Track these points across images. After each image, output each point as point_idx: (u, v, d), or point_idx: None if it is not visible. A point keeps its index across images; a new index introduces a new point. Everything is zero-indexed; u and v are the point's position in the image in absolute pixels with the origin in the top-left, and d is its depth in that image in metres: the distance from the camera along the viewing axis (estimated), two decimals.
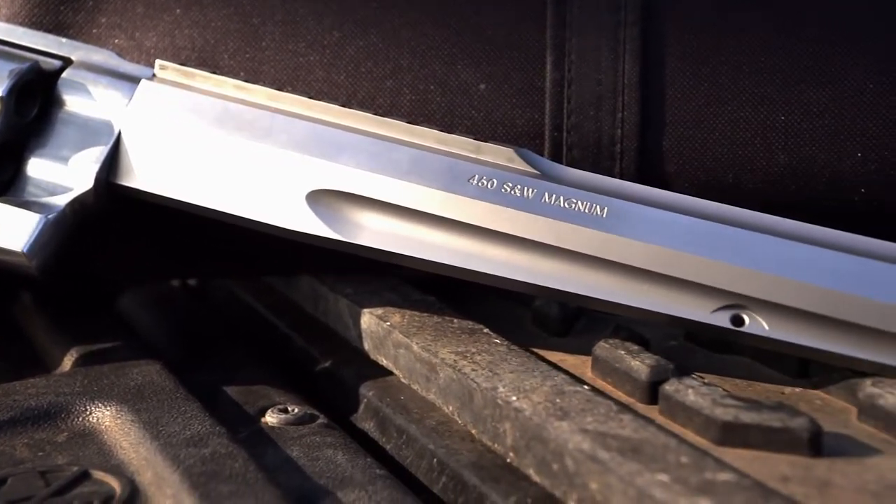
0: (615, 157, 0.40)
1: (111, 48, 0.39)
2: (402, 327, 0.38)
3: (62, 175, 0.36)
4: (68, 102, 0.37)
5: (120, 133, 0.36)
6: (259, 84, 0.37)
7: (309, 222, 0.35)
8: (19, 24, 0.40)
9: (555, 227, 0.34)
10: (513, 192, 0.34)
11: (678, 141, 0.40)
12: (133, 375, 0.36)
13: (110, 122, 0.36)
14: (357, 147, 0.36)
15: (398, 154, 0.35)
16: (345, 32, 0.40)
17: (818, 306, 0.33)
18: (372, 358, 0.39)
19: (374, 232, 0.35)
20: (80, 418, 0.33)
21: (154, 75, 0.37)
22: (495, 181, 0.35)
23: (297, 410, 0.35)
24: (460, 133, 0.36)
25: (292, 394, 0.37)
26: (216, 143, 0.36)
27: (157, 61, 0.37)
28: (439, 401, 0.35)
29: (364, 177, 0.35)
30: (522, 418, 0.31)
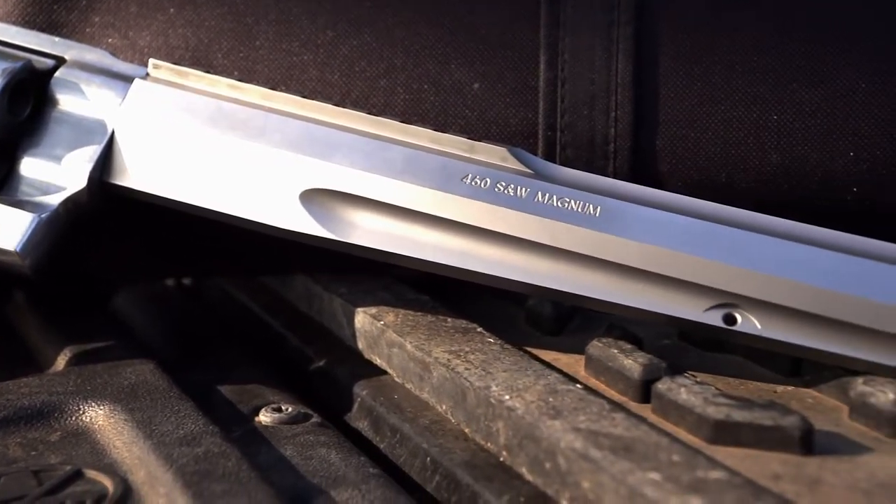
0: (609, 156, 0.40)
1: (105, 47, 0.39)
2: (395, 326, 0.38)
3: (55, 174, 0.36)
4: (61, 101, 0.37)
5: (113, 132, 0.36)
6: (253, 83, 0.37)
7: (303, 221, 0.36)
8: (12, 22, 0.40)
9: (548, 227, 0.34)
10: (506, 192, 0.35)
11: (671, 140, 0.40)
12: (126, 375, 0.36)
13: (104, 121, 0.36)
14: (351, 146, 0.36)
15: (392, 153, 0.35)
16: (338, 32, 0.40)
17: (810, 305, 0.33)
18: (366, 357, 0.39)
19: (367, 231, 0.35)
20: (73, 417, 0.33)
21: (147, 74, 0.37)
22: (489, 180, 0.35)
23: (290, 409, 0.35)
24: (454, 132, 0.36)
25: (286, 393, 0.37)
26: (210, 143, 0.36)
27: (151, 60, 0.37)
28: (433, 400, 0.35)
29: (358, 176, 0.35)
30: (515, 417, 0.31)
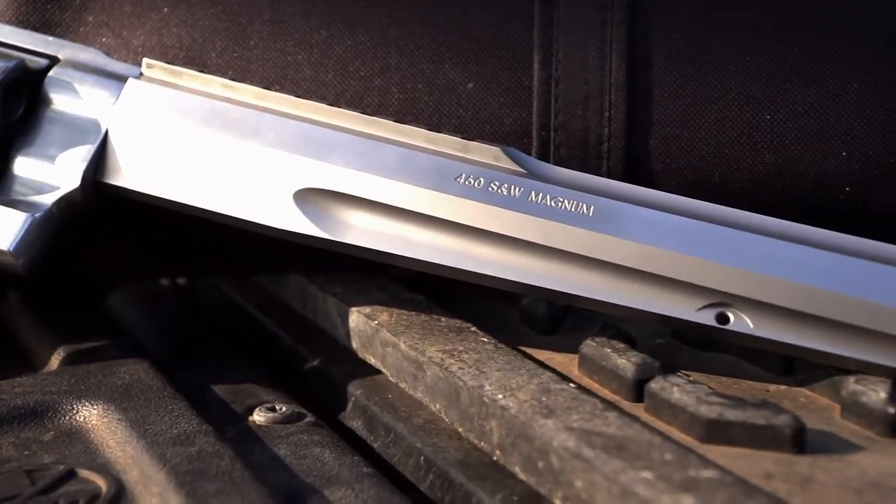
0: (602, 155, 0.40)
1: (98, 47, 0.39)
2: (389, 326, 0.38)
3: (49, 174, 0.36)
4: (55, 101, 0.37)
5: (107, 132, 0.36)
6: (247, 83, 0.37)
7: (297, 221, 0.36)
8: (6, 22, 0.40)
9: (541, 226, 0.34)
10: (500, 191, 0.35)
11: (665, 140, 0.40)
12: (120, 374, 0.36)
13: (97, 120, 0.36)
14: (345, 146, 0.36)
15: (386, 153, 0.35)
16: (333, 31, 0.40)
17: (803, 304, 0.33)
18: (360, 356, 0.39)
19: (361, 231, 0.35)
20: (66, 417, 0.33)
21: (141, 74, 0.37)
22: (482, 180, 0.35)
23: (284, 409, 0.35)
24: (448, 132, 0.36)
25: (280, 392, 0.37)
26: (204, 142, 0.36)
27: (145, 60, 0.37)
28: (426, 399, 0.35)
29: (352, 175, 0.35)
30: (508, 416, 0.31)
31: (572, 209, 0.34)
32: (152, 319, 0.45)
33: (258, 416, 0.35)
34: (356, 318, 0.39)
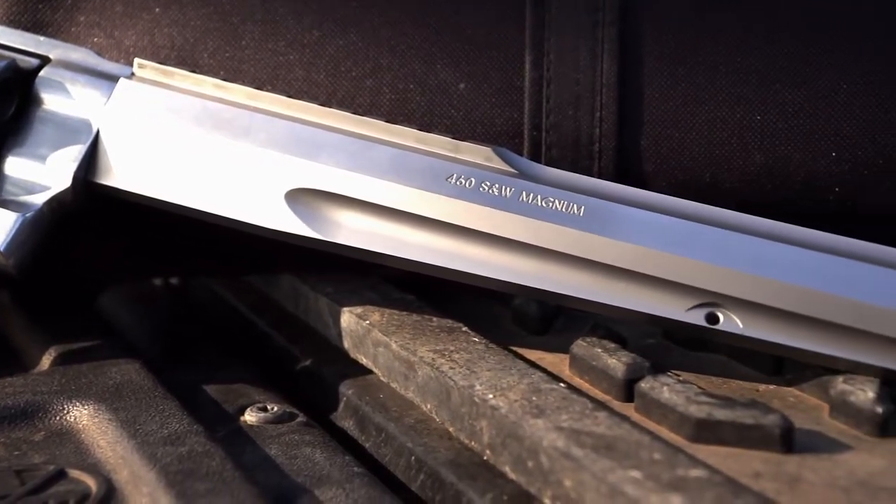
0: (594, 156, 0.40)
1: (90, 46, 0.39)
2: (381, 326, 0.38)
3: (40, 174, 0.36)
4: (46, 101, 0.37)
5: (98, 132, 0.36)
6: (238, 83, 0.37)
7: (288, 221, 0.36)
8: None
9: (532, 226, 0.34)
10: (491, 191, 0.35)
11: (656, 140, 0.40)
12: (111, 374, 0.36)
13: (88, 120, 0.36)
14: (336, 146, 0.36)
15: (377, 153, 0.36)
16: (324, 31, 0.40)
17: (792, 305, 0.33)
18: (352, 356, 0.39)
19: (352, 231, 0.36)
20: (57, 417, 0.33)
21: (133, 74, 0.37)
22: (473, 180, 0.35)
23: (276, 409, 0.35)
24: (439, 132, 0.36)
25: (272, 392, 0.37)
26: (195, 142, 0.36)
27: (136, 60, 0.37)
28: (418, 399, 0.35)
29: (343, 176, 0.35)
30: (499, 416, 0.31)
31: (563, 209, 0.34)
32: (144, 319, 0.45)
33: (250, 416, 0.35)
34: (348, 318, 0.39)
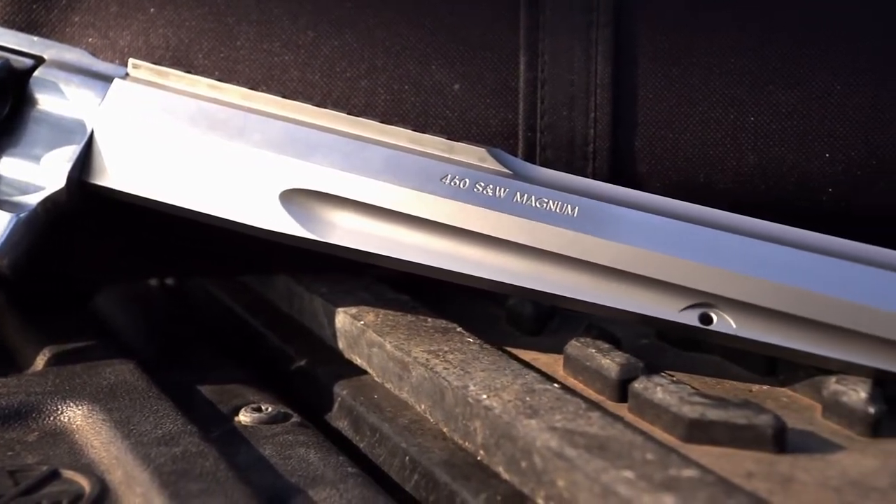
0: (588, 156, 0.40)
1: (84, 47, 0.39)
2: (375, 326, 0.38)
3: (34, 174, 0.36)
4: (40, 101, 0.37)
5: (93, 132, 0.36)
6: (233, 83, 0.37)
7: (282, 221, 0.36)
8: None
9: (526, 227, 0.34)
10: (485, 192, 0.35)
11: (650, 141, 0.40)
12: (106, 375, 0.36)
13: (83, 121, 0.36)
14: (331, 146, 0.36)
15: (371, 153, 0.36)
16: (319, 32, 0.41)
17: (785, 305, 0.33)
18: (346, 357, 0.39)
19: (347, 231, 0.36)
20: (51, 418, 0.33)
21: (127, 74, 0.37)
22: (467, 181, 0.35)
23: (270, 409, 0.35)
24: (434, 133, 0.36)
25: (266, 392, 0.37)
26: (189, 143, 0.36)
27: (131, 60, 0.37)
28: (412, 399, 0.35)
29: (337, 176, 0.35)
30: (492, 416, 0.31)
31: (557, 210, 0.34)
32: (139, 320, 0.45)
33: (244, 417, 0.35)
34: (342, 318, 0.39)
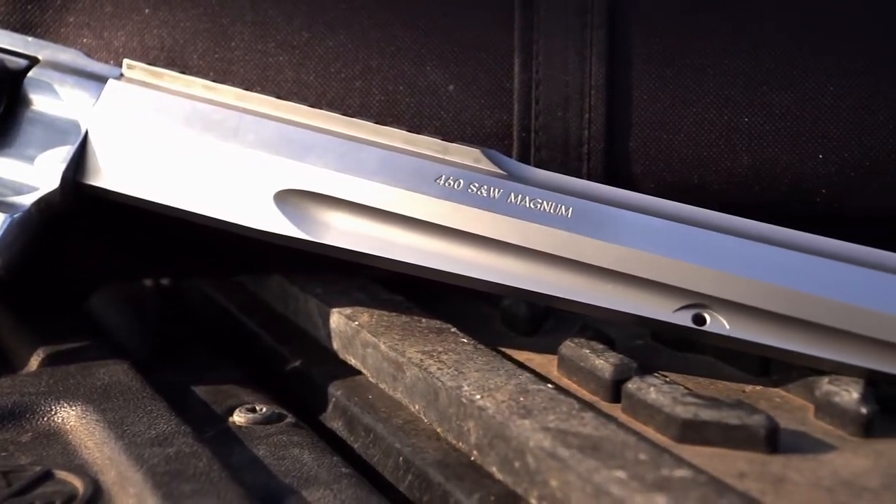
0: (582, 157, 0.40)
1: (79, 47, 0.39)
2: (370, 327, 0.38)
3: (28, 174, 0.36)
4: (35, 102, 0.37)
5: (87, 132, 0.36)
6: (228, 84, 0.37)
7: (277, 222, 0.36)
8: None
9: (520, 227, 0.34)
10: (479, 193, 0.35)
11: (644, 142, 0.41)
12: (99, 375, 0.36)
13: (77, 121, 0.36)
14: (325, 147, 0.36)
15: (365, 154, 0.36)
16: (314, 33, 0.41)
17: (779, 306, 0.33)
18: (340, 357, 0.39)
19: (341, 232, 0.36)
20: (44, 418, 0.33)
21: (122, 75, 0.37)
22: (462, 181, 0.35)
23: (264, 410, 0.35)
24: (429, 134, 0.36)
25: (261, 393, 0.37)
26: (184, 143, 0.36)
27: (125, 61, 0.37)
28: (406, 400, 0.35)
29: (332, 177, 0.35)
30: (486, 416, 0.31)
31: (551, 211, 0.35)
32: (133, 320, 0.45)
33: (238, 417, 0.35)
34: (337, 319, 0.39)
